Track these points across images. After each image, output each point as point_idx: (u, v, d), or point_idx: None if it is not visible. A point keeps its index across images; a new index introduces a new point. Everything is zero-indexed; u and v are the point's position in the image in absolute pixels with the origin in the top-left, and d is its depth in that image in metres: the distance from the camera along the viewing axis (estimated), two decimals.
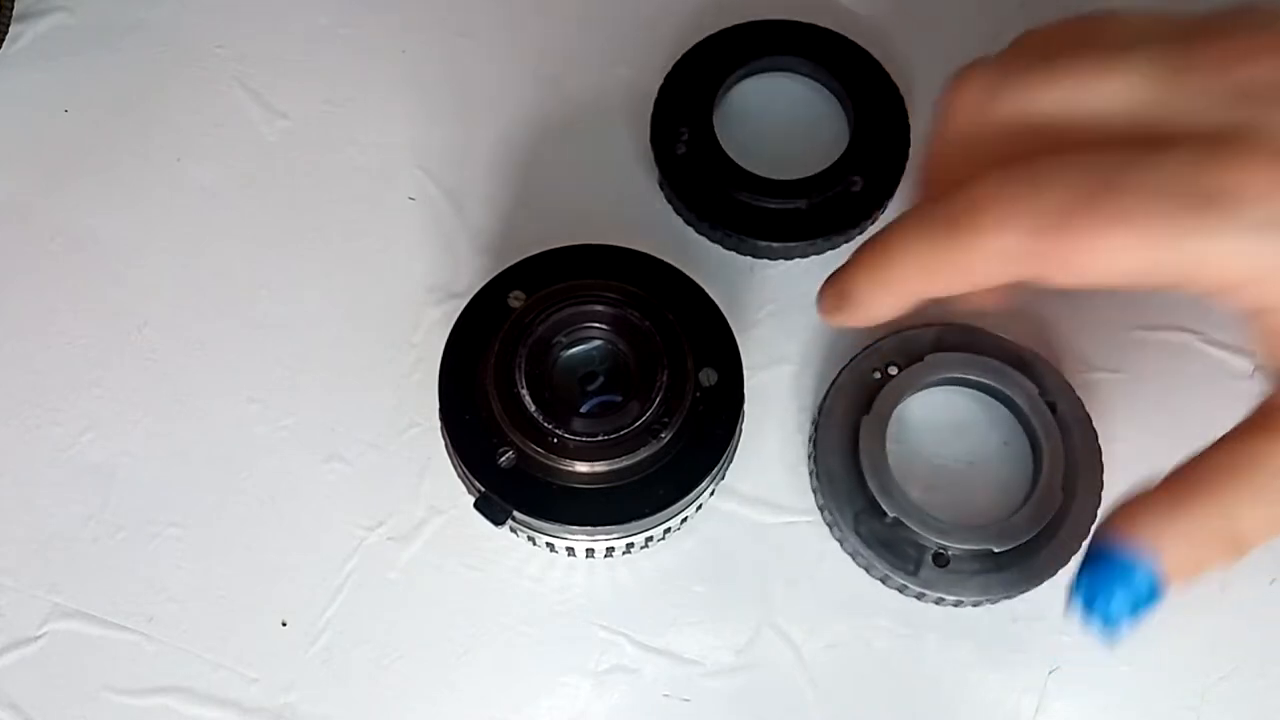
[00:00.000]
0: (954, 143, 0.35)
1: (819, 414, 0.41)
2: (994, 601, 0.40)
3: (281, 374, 0.43)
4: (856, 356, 0.42)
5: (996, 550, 0.39)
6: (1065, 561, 0.39)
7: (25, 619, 0.40)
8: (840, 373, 0.42)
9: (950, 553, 0.39)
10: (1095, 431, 0.41)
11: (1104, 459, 0.40)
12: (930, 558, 0.39)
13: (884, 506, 0.39)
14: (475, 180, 0.46)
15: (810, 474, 0.41)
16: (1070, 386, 0.41)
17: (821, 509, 0.41)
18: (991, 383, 0.41)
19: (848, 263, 0.35)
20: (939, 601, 0.40)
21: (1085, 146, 0.32)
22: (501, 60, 0.48)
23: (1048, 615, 0.40)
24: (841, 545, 0.41)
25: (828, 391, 0.42)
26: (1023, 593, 0.39)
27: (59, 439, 0.43)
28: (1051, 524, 0.39)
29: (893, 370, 0.41)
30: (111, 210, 0.46)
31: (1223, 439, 0.33)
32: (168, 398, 0.43)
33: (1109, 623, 0.34)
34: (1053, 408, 0.41)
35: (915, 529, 0.39)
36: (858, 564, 0.40)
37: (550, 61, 0.48)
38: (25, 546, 0.41)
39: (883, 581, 0.40)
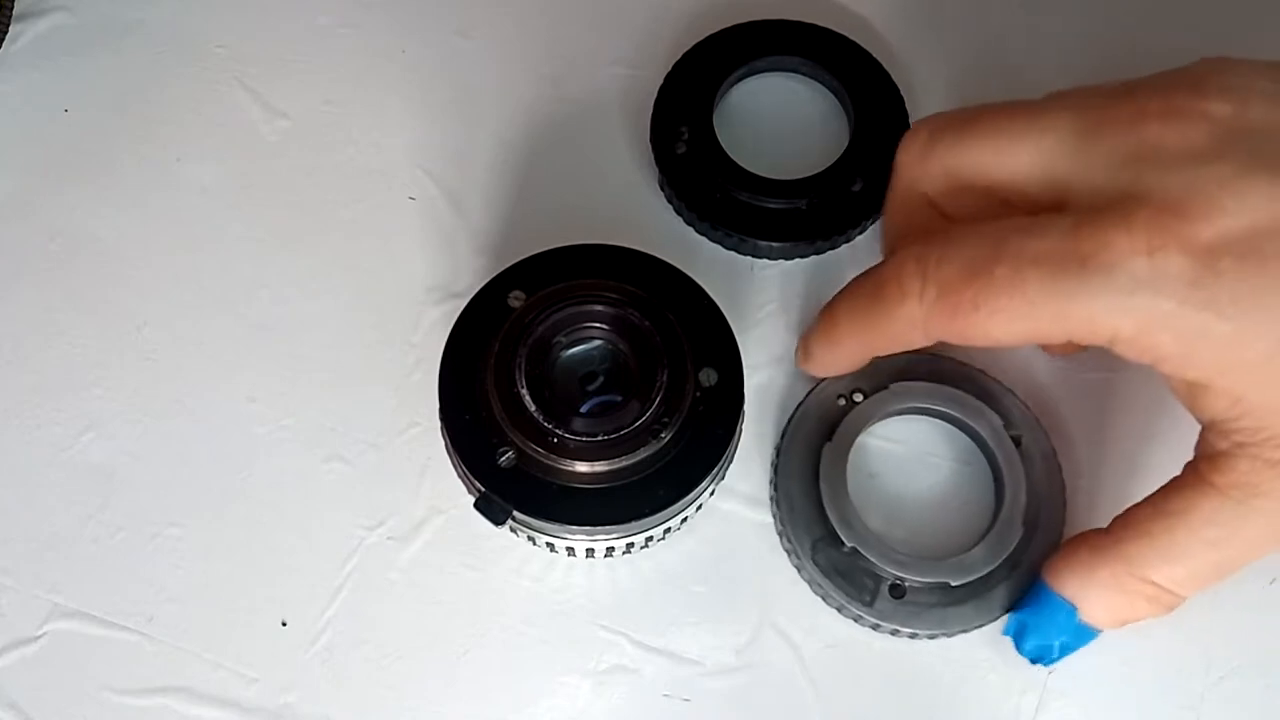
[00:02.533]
0: (900, 199, 0.39)
1: (781, 439, 0.41)
2: (950, 635, 0.39)
3: (281, 374, 0.43)
4: (822, 382, 0.42)
5: (954, 584, 0.39)
6: (1023, 597, 0.39)
7: (25, 619, 0.40)
8: (806, 397, 0.42)
9: (907, 584, 0.39)
10: (1060, 466, 0.40)
11: (1068, 494, 0.40)
12: (887, 589, 0.39)
13: (841, 536, 0.39)
14: (475, 180, 0.46)
15: (771, 500, 0.41)
16: (1038, 420, 0.41)
17: (780, 535, 0.41)
18: (956, 414, 0.41)
19: (811, 325, 0.40)
20: (894, 633, 0.39)
21: (993, 213, 0.35)
22: (501, 60, 0.48)
23: None
24: (799, 573, 0.40)
25: (792, 416, 0.41)
26: (978, 627, 0.39)
27: (59, 439, 0.43)
28: (1011, 558, 0.39)
29: (858, 397, 0.41)
30: (111, 210, 0.46)
31: (1150, 496, 0.35)
32: (168, 398, 0.43)
33: (1038, 657, 0.38)
34: (1017, 441, 0.40)
35: (872, 560, 0.39)
36: (814, 593, 0.40)
37: (550, 61, 0.48)
38: (25, 546, 0.41)
39: (839, 611, 0.40)
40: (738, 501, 0.42)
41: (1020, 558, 0.39)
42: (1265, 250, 0.30)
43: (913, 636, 0.39)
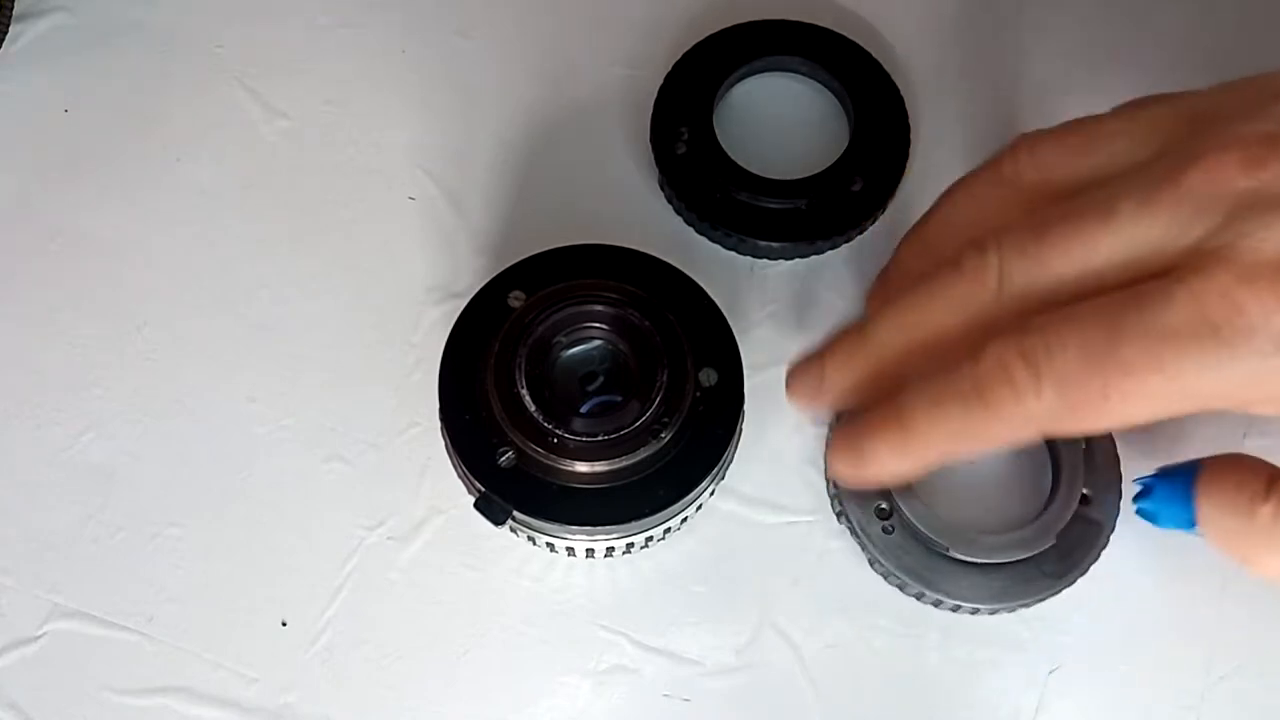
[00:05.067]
0: (961, 320, 0.34)
1: None
2: (993, 611, 0.40)
3: (281, 374, 0.43)
4: None
5: (1002, 561, 0.39)
6: (1070, 582, 0.39)
7: (25, 619, 0.40)
8: None
9: (955, 557, 0.39)
10: (1119, 459, 0.41)
11: (1122, 484, 0.40)
12: (936, 560, 0.39)
13: (896, 503, 0.39)
14: (475, 180, 0.46)
15: (827, 462, 0.41)
16: None
17: (833, 498, 0.41)
18: None
19: (864, 427, 0.35)
20: (938, 604, 0.40)
21: (1083, 295, 0.32)
22: (501, 60, 0.48)
23: (1048, 615, 0.40)
24: (851, 535, 0.40)
25: None
26: (1023, 606, 0.39)
27: (59, 439, 0.42)
28: (1060, 544, 0.39)
29: None
30: (111, 210, 0.46)
31: None
32: (168, 398, 0.43)
33: (1148, 516, 0.38)
34: (1088, 439, 0.40)
35: (924, 530, 0.39)
36: (865, 555, 0.40)
37: (550, 61, 0.48)
38: (25, 546, 0.41)
39: (884, 578, 0.40)
40: (738, 501, 0.42)
41: (1071, 543, 0.39)
42: None
43: (955, 609, 0.40)
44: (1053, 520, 0.39)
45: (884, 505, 0.40)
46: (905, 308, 0.34)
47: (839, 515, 0.41)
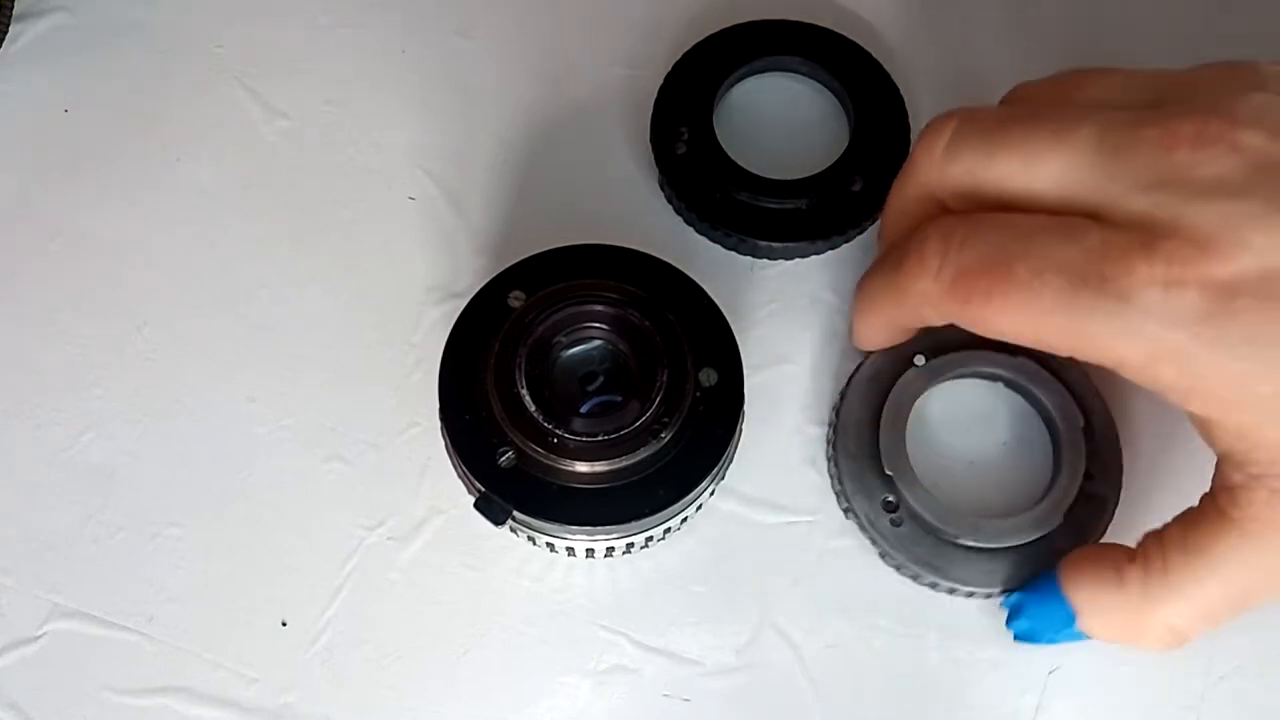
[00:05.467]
0: (910, 196, 0.37)
1: (841, 399, 0.41)
2: (1006, 593, 0.39)
3: (281, 374, 0.43)
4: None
5: (1013, 545, 0.39)
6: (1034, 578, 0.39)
7: (25, 619, 0.40)
8: (867, 357, 0.42)
9: (967, 544, 0.39)
10: (1119, 444, 0.41)
11: (1125, 474, 0.40)
12: (947, 548, 0.39)
13: (899, 495, 0.40)
14: (475, 180, 0.46)
15: (829, 459, 0.41)
16: (1101, 396, 0.41)
17: (839, 494, 0.41)
18: (1026, 384, 0.41)
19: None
20: (952, 592, 0.40)
21: (1022, 210, 0.33)
22: (501, 60, 0.48)
23: None
24: (860, 531, 0.40)
25: (852, 375, 0.42)
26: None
27: (59, 439, 0.43)
28: (1069, 521, 0.39)
29: (919, 360, 0.41)
30: (111, 210, 0.46)
31: (1172, 526, 0.35)
32: (168, 398, 0.43)
33: (1027, 637, 0.38)
34: (1087, 417, 0.41)
35: (929, 519, 0.39)
36: (876, 549, 0.40)
37: (550, 61, 0.48)
38: (25, 546, 0.41)
39: (897, 570, 0.40)
40: (738, 501, 0.42)
41: (1074, 526, 0.39)
42: None
43: (969, 595, 0.40)
44: (1060, 499, 0.39)
45: (890, 498, 0.40)
46: (892, 189, 0.38)
47: (846, 511, 0.41)
